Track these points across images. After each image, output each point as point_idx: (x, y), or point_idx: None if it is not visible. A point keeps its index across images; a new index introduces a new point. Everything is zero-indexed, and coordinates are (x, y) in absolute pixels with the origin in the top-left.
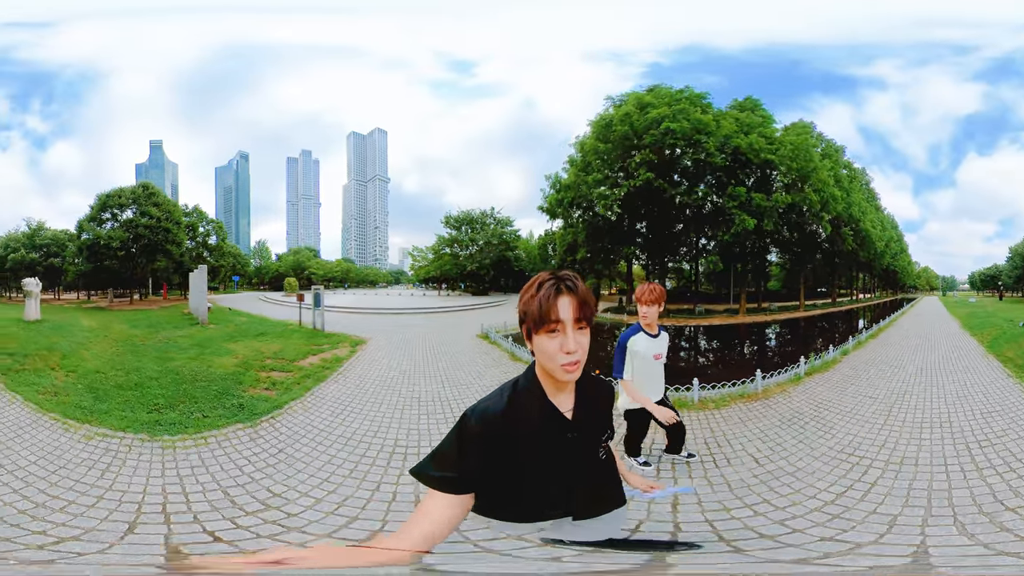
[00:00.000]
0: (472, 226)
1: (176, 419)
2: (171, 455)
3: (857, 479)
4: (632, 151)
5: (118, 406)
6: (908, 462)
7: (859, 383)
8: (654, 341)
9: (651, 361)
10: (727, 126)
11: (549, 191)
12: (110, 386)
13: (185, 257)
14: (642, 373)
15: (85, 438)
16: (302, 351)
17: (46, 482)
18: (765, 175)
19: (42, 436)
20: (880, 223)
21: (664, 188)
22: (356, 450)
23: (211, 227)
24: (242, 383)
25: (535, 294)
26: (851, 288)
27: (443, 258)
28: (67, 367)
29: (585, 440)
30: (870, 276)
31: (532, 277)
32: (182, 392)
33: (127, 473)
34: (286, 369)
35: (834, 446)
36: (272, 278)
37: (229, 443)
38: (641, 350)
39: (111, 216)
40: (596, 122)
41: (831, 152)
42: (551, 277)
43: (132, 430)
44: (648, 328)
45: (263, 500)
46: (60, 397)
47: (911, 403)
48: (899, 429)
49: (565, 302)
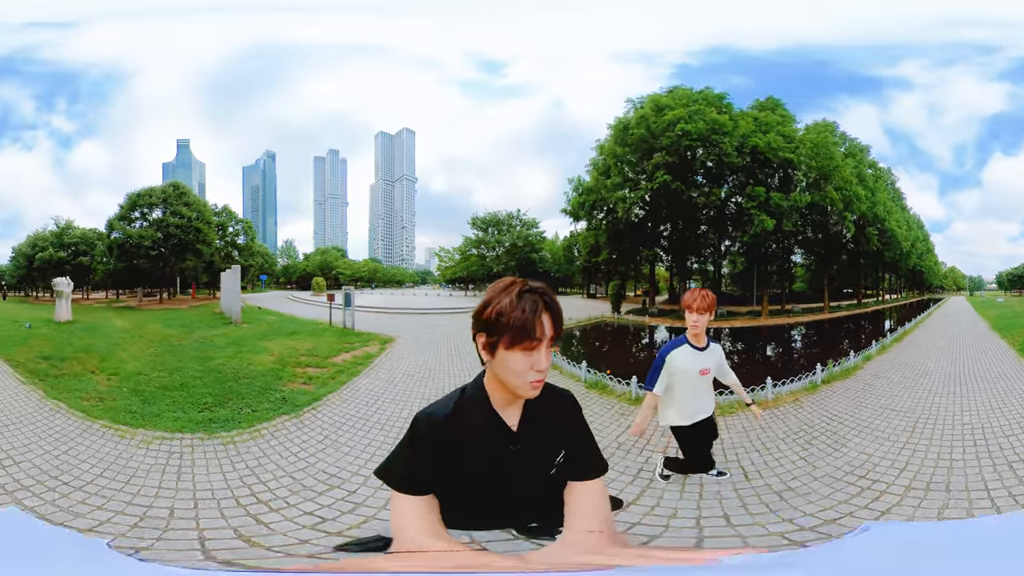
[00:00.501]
0: (498, 228)
1: (228, 416)
2: (234, 450)
3: (863, 506)
4: (650, 153)
5: (168, 407)
6: (937, 487)
7: (880, 393)
8: (700, 355)
9: (696, 377)
10: (744, 126)
11: (572, 194)
12: (155, 388)
13: (215, 257)
14: (684, 388)
15: (144, 443)
16: (334, 348)
17: (127, 493)
18: (786, 175)
19: (97, 445)
20: (906, 223)
21: (682, 190)
22: (391, 434)
23: (240, 226)
24: (281, 378)
25: (516, 304)
26: (877, 289)
27: (469, 259)
28: (107, 370)
29: (529, 454)
30: (896, 277)
31: (498, 280)
32: (228, 390)
33: (201, 472)
34: (320, 365)
35: (842, 465)
36: (299, 277)
37: (280, 433)
38: (684, 366)
39: (141, 215)
40: (615, 125)
41: (855, 151)
42: (529, 289)
43: (188, 430)
44: (695, 340)
45: (324, 481)
46: (107, 402)
47: (939, 416)
48: (925, 447)
49: (547, 320)
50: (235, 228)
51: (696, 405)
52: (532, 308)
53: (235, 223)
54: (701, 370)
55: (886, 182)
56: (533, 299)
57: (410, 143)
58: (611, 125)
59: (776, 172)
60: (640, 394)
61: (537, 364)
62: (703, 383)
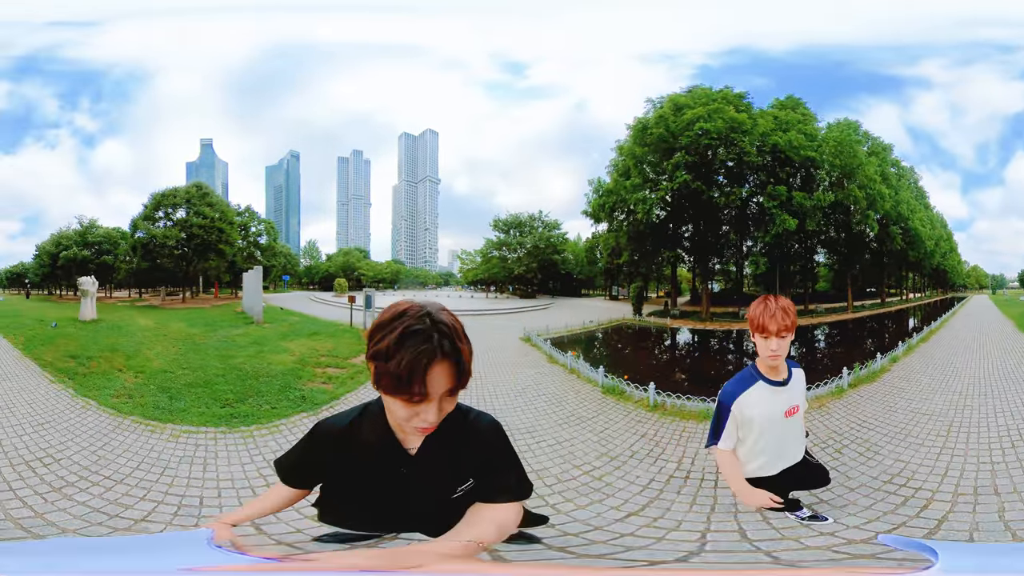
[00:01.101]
0: (520, 230)
1: (248, 411)
2: (253, 443)
3: (912, 516)
4: (670, 153)
5: (194, 403)
6: (985, 491)
7: (910, 396)
8: (781, 392)
9: (780, 421)
10: (764, 124)
11: (592, 196)
12: (181, 385)
13: (237, 257)
14: (766, 438)
15: (173, 436)
16: (354, 349)
17: (164, 484)
18: (808, 174)
19: (130, 440)
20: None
21: (702, 189)
22: None
23: (262, 227)
24: (301, 377)
25: (394, 350)
26: (900, 288)
27: (491, 261)
28: (134, 368)
29: (425, 477)
30: (919, 276)
31: (393, 304)
32: (248, 387)
33: (223, 463)
34: (340, 366)
35: (879, 475)
36: (322, 278)
37: (298, 429)
38: (761, 411)
39: (165, 215)
40: (634, 125)
41: (878, 150)
42: (420, 327)
43: (212, 424)
44: (771, 372)
45: None
46: (136, 399)
47: (972, 418)
48: (963, 451)
49: (439, 372)
50: (257, 228)
51: (778, 454)
52: (412, 360)
53: (257, 223)
54: (787, 410)
55: (909, 181)
56: (418, 347)
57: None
58: (630, 125)
59: (798, 171)
60: (657, 400)
61: (423, 417)
62: (792, 426)
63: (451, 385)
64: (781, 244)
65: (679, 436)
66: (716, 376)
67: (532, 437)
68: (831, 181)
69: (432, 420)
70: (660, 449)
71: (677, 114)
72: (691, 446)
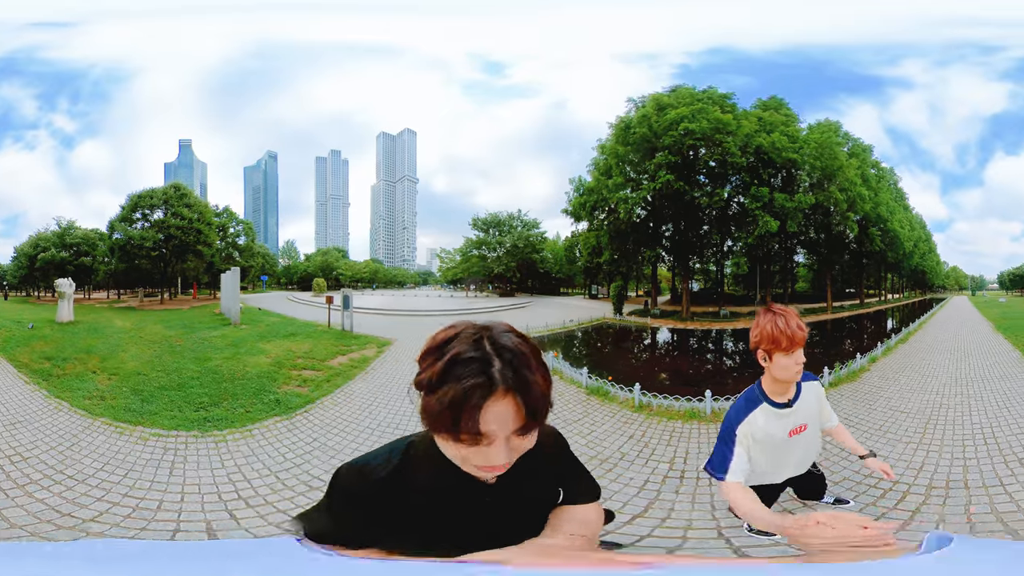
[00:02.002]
0: (499, 228)
1: (222, 415)
2: (225, 448)
3: (890, 508)
4: (652, 153)
5: (165, 406)
6: (956, 485)
7: (889, 395)
8: (787, 413)
9: (784, 442)
10: (748, 125)
11: (573, 194)
12: (154, 387)
13: (216, 258)
14: (767, 458)
15: (141, 439)
16: (331, 351)
17: (123, 486)
18: (790, 175)
19: (99, 441)
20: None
21: (685, 190)
22: (381, 439)
23: (241, 227)
24: (276, 380)
25: (440, 384)
26: (879, 289)
27: (470, 260)
28: (108, 370)
29: (510, 503)
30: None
31: (446, 328)
32: (223, 390)
33: (192, 468)
34: (316, 368)
35: (859, 469)
36: (300, 278)
37: (271, 434)
38: (765, 434)
39: (142, 216)
40: (617, 124)
41: (858, 151)
42: (475, 355)
43: (184, 428)
44: (778, 393)
45: (306, 483)
46: (108, 401)
47: (948, 416)
48: (938, 447)
49: (500, 409)
50: (236, 229)
51: (784, 470)
52: (463, 396)
53: (236, 224)
54: (792, 430)
55: (889, 182)
56: (471, 379)
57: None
58: (613, 124)
59: (779, 172)
60: (643, 400)
61: (485, 458)
62: (795, 445)
63: (520, 424)
64: (762, 245)
65: (668, 436)
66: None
67: None
68: (812, 183)
69: (499, 462)
70: (650, 450)
71: (660, 114)
72: (680, 446)
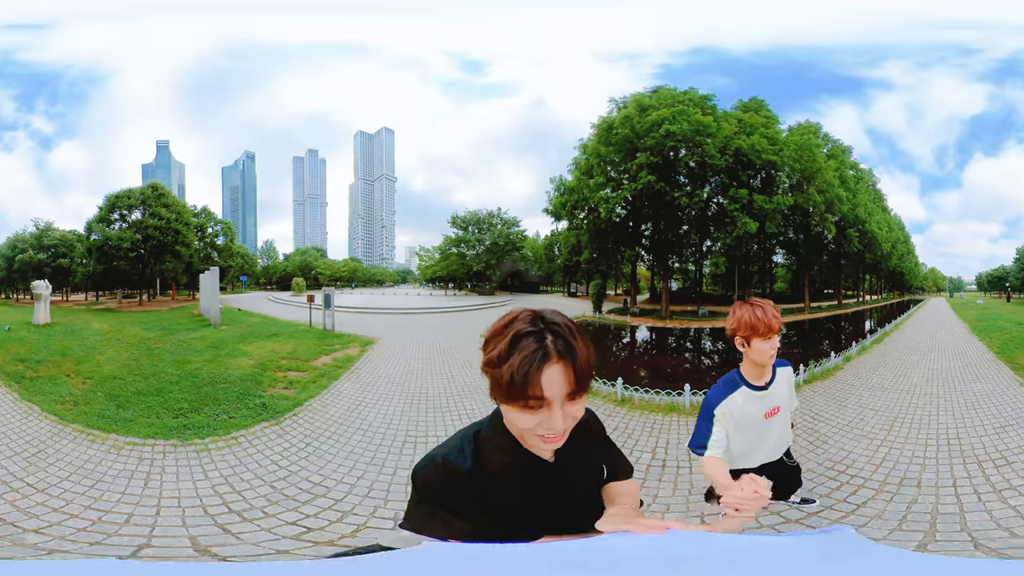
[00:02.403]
0: (479, 226)
1: (204, 422)
2: (208, 457)
3: (841, 499)
4: (634, 153)
5: (142, 413)
6: (909, 483)
7: (860, 393)
8: (763, 395)
9: (759, 422)
10: (728, 127)
11: (554, 194)
12: (130, 392)
13: (194, 258)
14: (745, 438)
15: (115, 448)
16: (315, 351)
17: (88, 498)
18: (769, 176)
19: (68, 449)
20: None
21: (665, 190)
22: (373, 441)
23: (219, 227)
24: (261, 383)
25: (507, 354)
26: (857, 290)
27: (449, 258)
28: (83, 373)
29: (570, 482)
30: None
31: (503, 316)
32: (204, 395)
33: (171, 480)
34: (301, 369)
35: (823, 461)
36: (279, 278)
37: (260, 441)
38: (743, 414)
39: (120, 217)
40: (599, 124)
41: (837, 153)
42: (532, 330)
43: (161, 436)
44: (755, 376)
45: (308, 490)
46: (81, 406)
47: (916, 416)
48: (901, 445)
49: (555, 374)
50: (214, 229)
51: (759, 452)
52: (527, 362)
53: (214, 224)
54: (767, 412)
55: (867, 183)
56: (531, 347)
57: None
58: (595, 124)
59: (759, 173)
60: (625, 394)
61: (549, 425)
62: (771, 427)
63: (571, 388)
64: (741, 245)
65: (649, 428)
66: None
67: None
68: (791, 184)
69: (558, 427)
70: (633, 441)
71: (642, 115)
72: (662, 437)
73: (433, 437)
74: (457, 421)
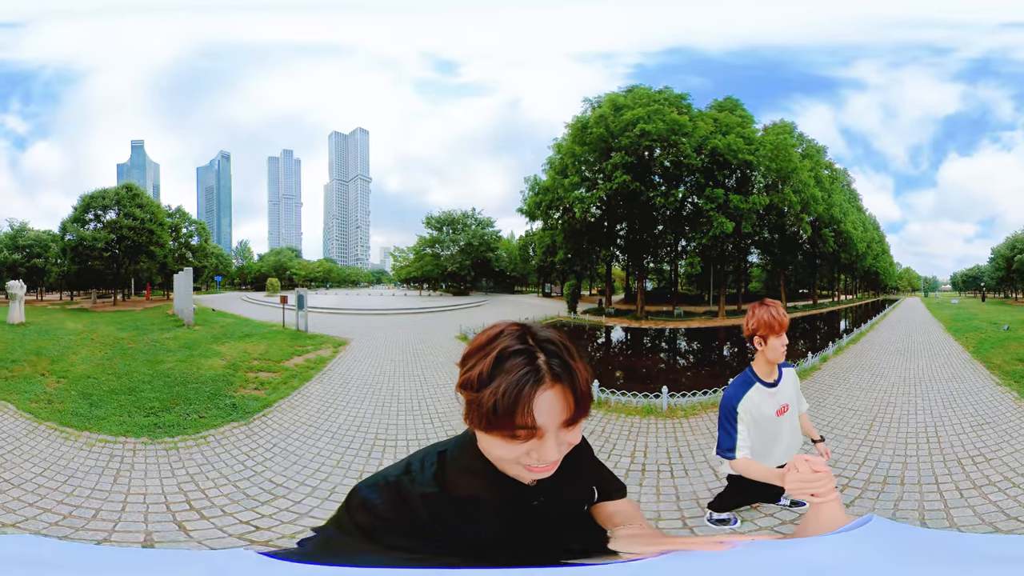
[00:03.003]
0: (453, 227)
1: (174, 421)
2: (176, 456)
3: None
4: (609, 153)
5: (114, 411)
6: (892, 481)
7: (838, 393)
8: (774, 392)
9: (772, 420)
10: (704, 127)
11: (528, 193)
12: (103, 391)
13: (168, 258)
14: (761, 436)
15: (87, 445)
16: (287, 352)
17: (61, 493)
18: (745, 176)
19: (42, 446)
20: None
21: (640, 190)
22: (341, 443)
23: (194, 228)
24: (232, 383)
25: (489, 379)
26: (832, 289)
27: (424, 258)
28: (57, 373)
29: (556, 505)
30: (852, 277)
31: (486, 329)
32: (175, 394)
33: (139, 476)
34: (272, 370)
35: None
36: (254, 278)
37: (228, 440)
38: (759, 411)
39: (94, 217)
40: (573, 124)
41: (812, 152)
42: (521, 347)
43: (133, 434)
44: (767, 374)
45: (269, 491)
46: (55, 405)
47: (894, 415)
48: (881, 445)
49: (550, 399)
50: (189, 229)
51: (775, 452)
52: (514, 387)
53: (189, 224)
54: (778, 410)
55: (842, 183)
56: (521, 369)
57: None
58: (569, 124)
59: (734, 173)
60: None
61: (538, 456)
62: (783, 424)
63: (568, 415)
64: (716, 245)
65: (627, 431)
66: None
67: None
68: (767, 184)
69: (550, 458)
70: (611, 445)
71: (617, 115)
72: (640, 440)
73: (403, 441)
74: (428, 424)
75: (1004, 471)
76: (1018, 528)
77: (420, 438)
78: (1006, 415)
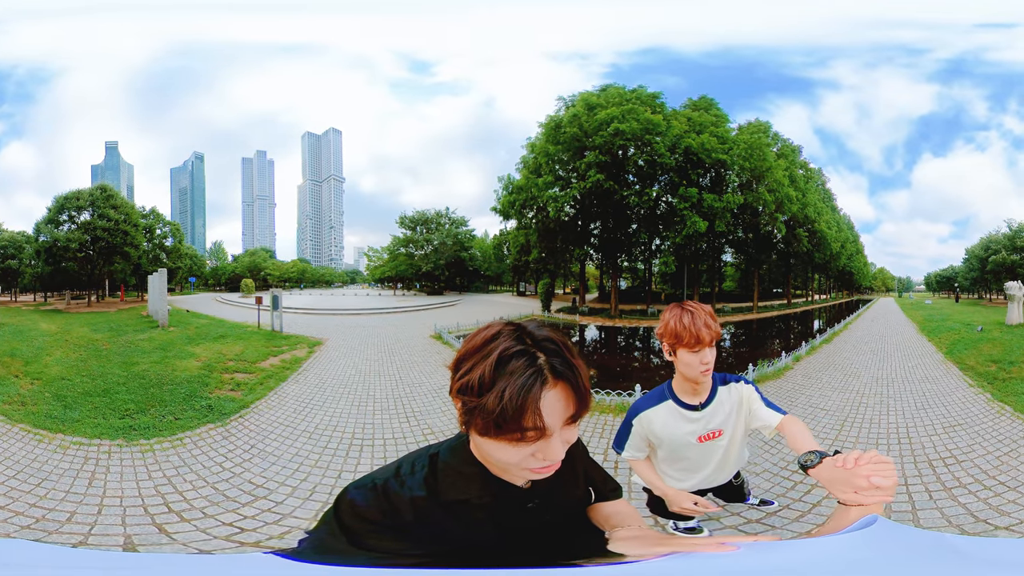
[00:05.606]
0: (427, 226)
1: (149, 423)
2: (152, 458)
3: (797, 499)
4: (583, 152)
5: (89, 413)
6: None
7: (810, 392)
8: (693, 417)
9: (692, 446)
10: (678, 126)
11: (502, 192)
12: (78, 393)
13: (143, 259)
14: (674, 457)
15: (61, 448)
16: (262, 353)
17: (34, 495)
18: (719, 175)
19: (14, 449)
20: (836, 224)
21: (615, 189)
22: (319, 443)
23: (168, 229)
24: (208, 385)
25: (491, 383)
26: (806, 289)
27: (398, 258)
28: (31, 374)
29: (550, 505)
30: (826, 277)
31: (485, 326)
32: (151, 396)
33: (115, 479)
34: (248, 371)
35: (777, 461)
36: (228, 279)
37: (204, 442)
38: (669, 432)
39: (69, 218)
40: (546, 123)
41: (787, 152)
42: (520, 348)
43: (108, 437)
44: (685, 394)
45: (249, 492)
46: (28, 407)
47: (866, 416)
48: (851, 445)
49: (556, 398)
50: (163, 230)
51: (693, 478)
52: (523, 388)
53: (163, 225)
54: (701, 436)
55: (817, 183)
56: (525, 370)
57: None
58: (542, 123)
59: (708, 172)
60: None
61: (545, 454)
62: (711, 455)
63: (572, 411)
64: (690, 244)
65: (600, 429)
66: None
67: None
68: (741, 183)
69: (556, 457)
70: (585, 441)
71: (590, 114)
72: (613, 438)
73: (380, 440)
74: (404, 423)
75: (975, 473)
76: (986, 531)
77: (396, 437)
78: (978, 417)
